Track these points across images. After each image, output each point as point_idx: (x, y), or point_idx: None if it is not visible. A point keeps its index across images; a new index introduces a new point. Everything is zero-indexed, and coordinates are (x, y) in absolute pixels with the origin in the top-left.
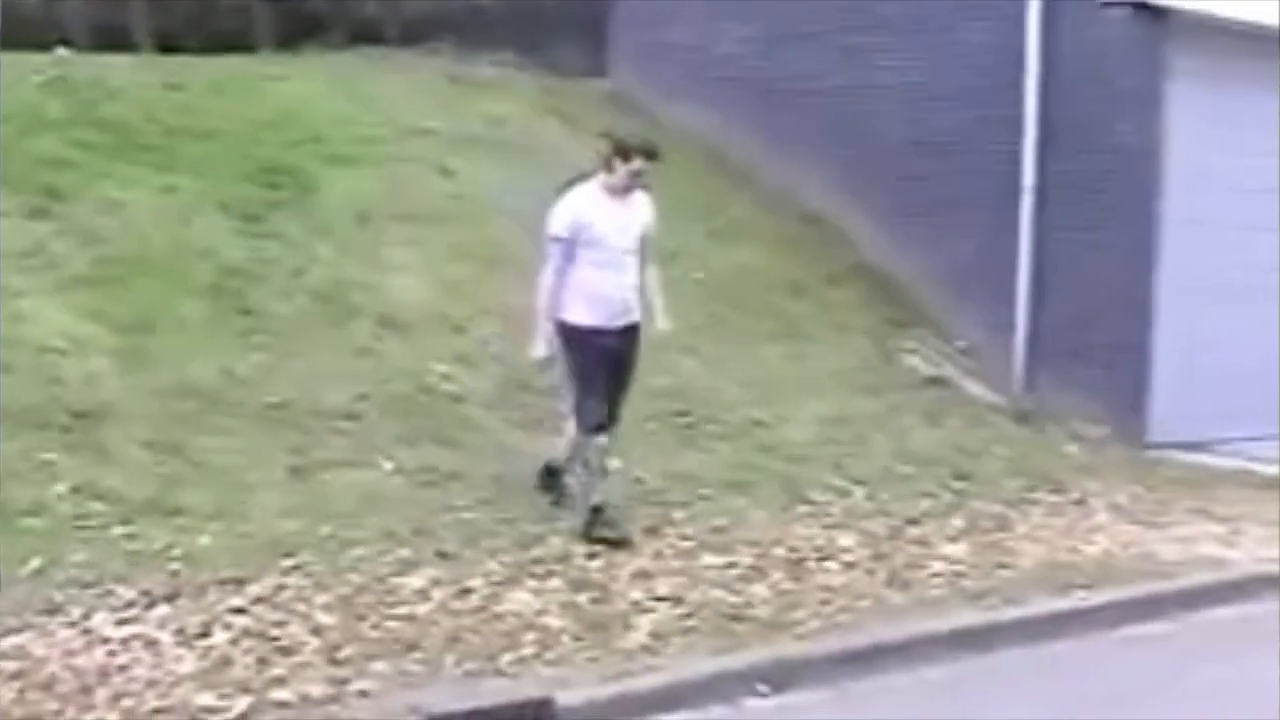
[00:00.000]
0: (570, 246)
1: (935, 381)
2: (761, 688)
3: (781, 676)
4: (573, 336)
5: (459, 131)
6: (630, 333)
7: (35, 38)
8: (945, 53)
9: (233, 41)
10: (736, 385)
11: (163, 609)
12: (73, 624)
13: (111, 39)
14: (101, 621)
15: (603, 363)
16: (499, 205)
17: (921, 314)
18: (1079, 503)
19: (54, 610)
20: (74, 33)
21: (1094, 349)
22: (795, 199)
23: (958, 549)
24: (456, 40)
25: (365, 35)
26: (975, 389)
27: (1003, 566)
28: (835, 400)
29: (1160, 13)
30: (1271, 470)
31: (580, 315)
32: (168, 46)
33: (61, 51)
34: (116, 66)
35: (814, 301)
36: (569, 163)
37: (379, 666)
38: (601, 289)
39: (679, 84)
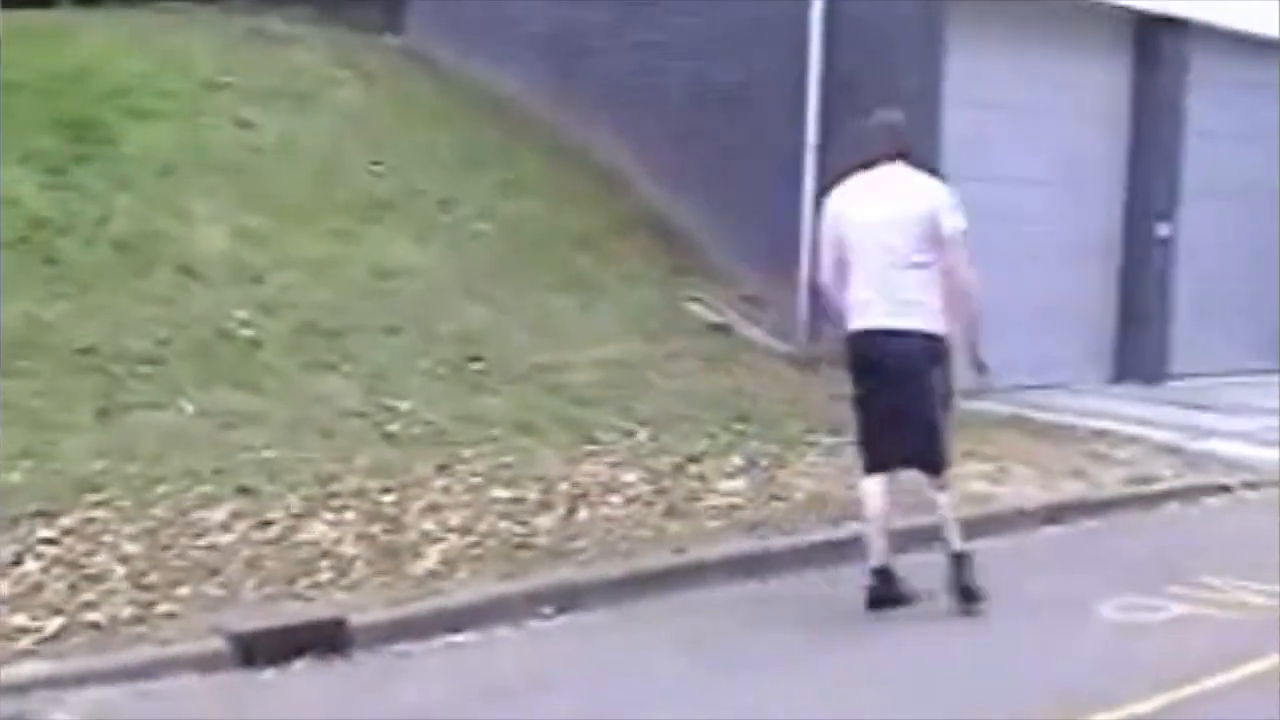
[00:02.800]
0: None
1: (719, 328)
2: (545, 610)
3: (564, 599)
4: (946, 351)
5: (256, 85)
6: None
7: None
8: (731, 8)
9: None
10: (524, 332)
11: None
12: None
13: None
14: None
15: None
16: (295, 157)
17: (707, 265)
18: None
19: None
20: None
21: None
22: (586, 153)
23: (735, 484)
24: None
25: None
26: (758, 336)
27: (777, 499)
28: (620, 346)
29: None
30: (1045, 416)
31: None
32: None
33: None
34: None
35: (601, 252)
36: (363, 116)
37: (182, 591)
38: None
39: (473, 41)
